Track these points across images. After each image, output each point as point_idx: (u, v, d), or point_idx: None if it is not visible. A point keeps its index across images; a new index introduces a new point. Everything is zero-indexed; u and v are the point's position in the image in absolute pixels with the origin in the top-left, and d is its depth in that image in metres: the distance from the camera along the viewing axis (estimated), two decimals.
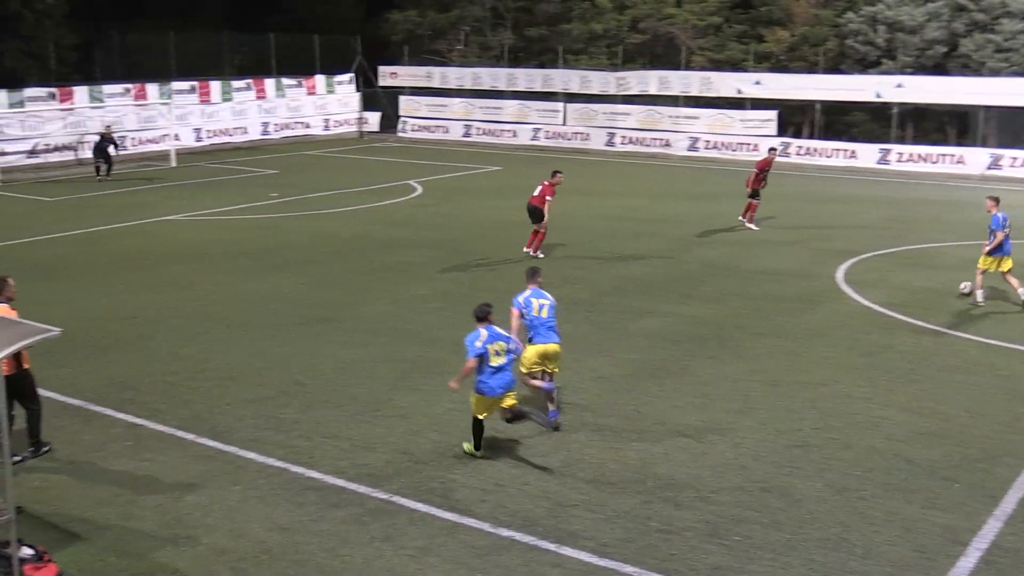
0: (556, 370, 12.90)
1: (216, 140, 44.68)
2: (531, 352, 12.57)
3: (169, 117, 41.46)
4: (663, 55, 48.54)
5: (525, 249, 22.62)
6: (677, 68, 45.03)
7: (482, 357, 11.44)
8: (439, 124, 49.25)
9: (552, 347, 12.64)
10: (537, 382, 12.63)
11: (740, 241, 24.63)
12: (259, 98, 46.72)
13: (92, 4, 51.45)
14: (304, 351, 15.70)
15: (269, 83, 47.25)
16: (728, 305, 18.63)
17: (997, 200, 18.66)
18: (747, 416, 13.11)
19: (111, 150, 35.56)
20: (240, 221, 27.14)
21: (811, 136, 42.28)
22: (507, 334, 11.77)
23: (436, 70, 50.73)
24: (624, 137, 44.29)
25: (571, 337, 16.27)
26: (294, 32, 50.98)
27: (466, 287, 19.80)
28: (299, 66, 49.04)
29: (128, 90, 41.67)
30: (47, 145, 38.18)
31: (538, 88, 47.54)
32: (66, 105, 39.59)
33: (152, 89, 42.25)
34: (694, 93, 43.71)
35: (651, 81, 44.44)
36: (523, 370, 12.55)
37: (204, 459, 11.72)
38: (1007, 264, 18.59)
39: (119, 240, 24.42)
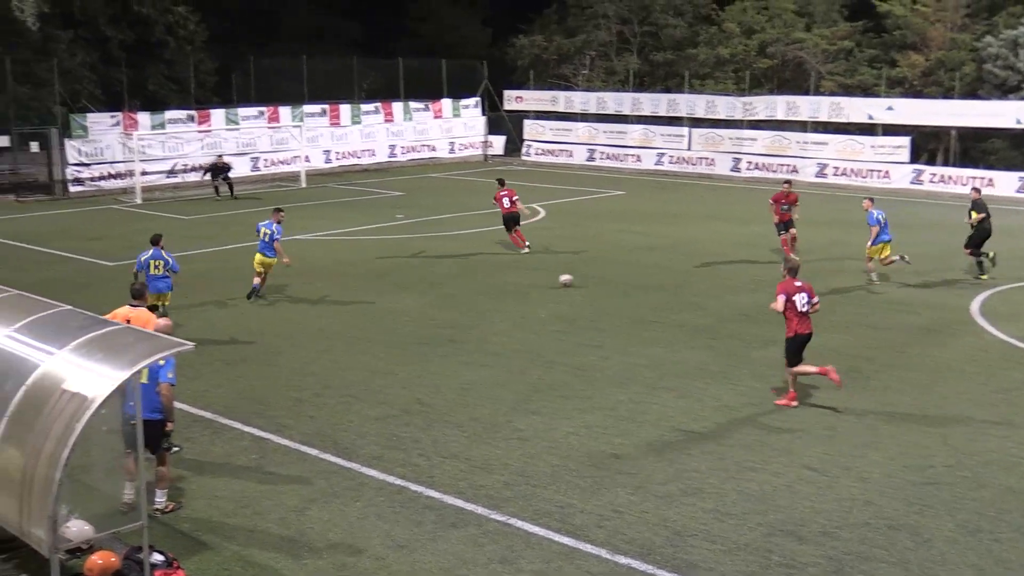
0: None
1: (345, 162, 45.67)
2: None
3: (300, 139, 42.59)
4: (791, 80, 47.81)
5: (524, 250, 25.66)
6: (806, 93, 44.27)
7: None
8: (563, 148, 49.38)
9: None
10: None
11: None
12: (387, 121, 47.61)
13: (230, 30, 53.39)
14: (426, 371, 15.87)
15: (397, 107, 48.13)
16: (856, 335, 18.15)
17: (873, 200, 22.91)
18: (875, 450, 12.73)
19: (206, 175, 37.01)
20: (366, 241, 27.65)
21: (946, 163, 41.00)
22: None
23: (561, 94, 50.93)
24: (750, 163, 43.69)
25: (692, 364, 16.10)
26: (422, 57, 51.87)
27: (587, 311, 19.75)
28: (426, 90, 49.83)
29: (262, 113, 42.95)
30: (185, 165, 39.54)
31: (663, 113, 47.28)
32: (204, 127, 41.02)
33: (285, 112, 43.49)
34: (823, 118, 42.86)
35: (778, 106, 43.78)
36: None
37: (327, 474, 11.93)
38: (887, 251, 22.32)
39: (249, 258, 25.08)
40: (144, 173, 37.94)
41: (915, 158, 40.65)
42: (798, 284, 14.37)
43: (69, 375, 9.12)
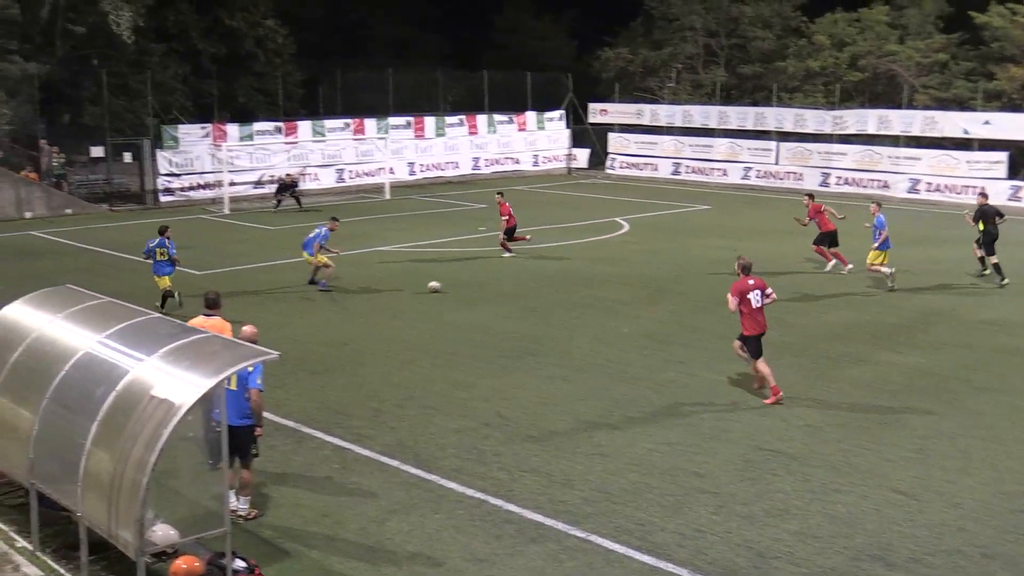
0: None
1: (428, 174, 46.06)
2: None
3: (385, 151, 43.11)
4: (883, 93, 46.97)
5: (506, 254, 26.91)
6: (898, 107, 43.46)
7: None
8: (648, 161, 49.16)
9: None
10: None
11: (965, 289, 23.43)
12: (471, 134, 47.92)
13: (318, 43, 54.32)
14: (507, 384, 15.90)
15: (481, 119, 48.44)
16: (949, 356, 17.72)
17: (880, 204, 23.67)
18: (968, 475, 12.40)
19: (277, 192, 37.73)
20: (449, 254, 27.83)
21: None
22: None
23: (647, 107, 50.74)
24: (840, 178, 43.00)
25: (778, 381, 15.84)
26: (507, 70, 52.11)
27: (671, 327, 19.61)
28: (511, 103, 50.06)
29: (347, 125, 43.57)
30: (272, 176, 40.26)
31: (750, 126, 46.83)
32: (290, 139, 41.75)
33: (370, 124, 44.04)
34: (916, 133, 41.99)
35: (870, 120, 43.03)
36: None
37: (407, 486, 12.00)
38: (883, 258, 23.02)
39: (335, 270, 25.44)
40: (232, 184, 38.72)
41: (1013, 174, 39.60)
42: (751, 282, 14.99)
43: (157, 381, 9.33)
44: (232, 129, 40.35)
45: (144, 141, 39.26)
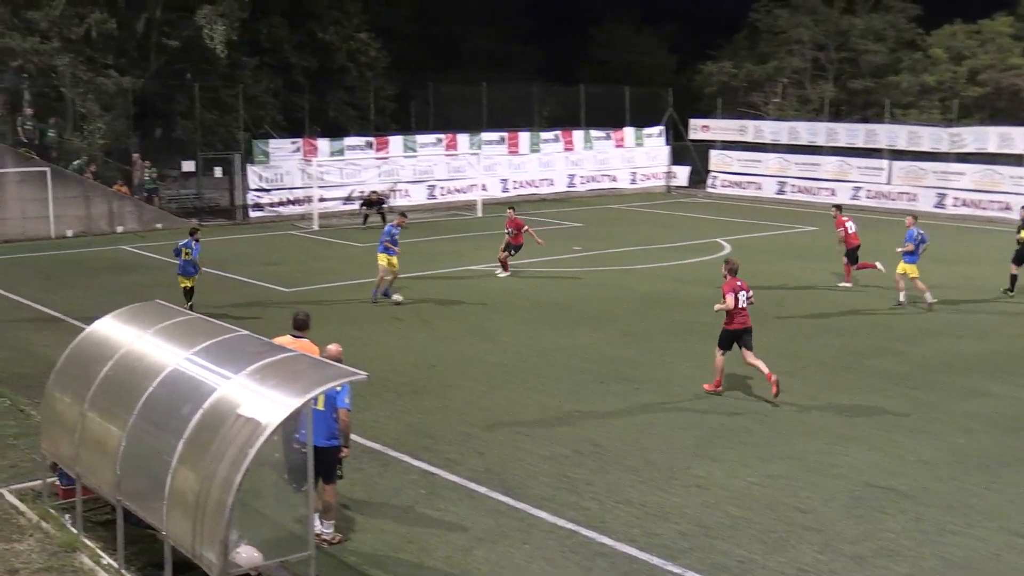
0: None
1: (522, 191, 46.22)
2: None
3: (477, 167, 43.40)
4: (1005, 109, 45.82)
5: (502, 274, 26.99)
6: (1022, 124, 42.30)
7: None
8: (751, 180, 48.67)
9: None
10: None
11: None
12: (567, 150, 48.00)
13: (411, 57, 55.02)
14: (600, 410, 15.82)
15: (577, 135, 48.48)
16: None
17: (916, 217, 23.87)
18: None
19: (362, 207, 38.26)
20: (543, 273, 27.86)
21: None
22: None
23: (750, 123, 50.25)
24: (957, 199, 41.97)
25: (888, 414, 15.53)
26: (604, 84, 52.13)
27: (773, 353, 19.30)
28: (608, 118, 50.02)
29: (440, 140, 43.99)
30: (361, 192, 40.81)
31: (860, 144, 46.01)
32: (381, 154, 42.30)
33: (463, 139, 44.42)
34: None
35: (990, 137, 41.95)
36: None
37: (495, 514, 12.00)
38: (914, 272, 23.22)
39: (423, 288, 25.67)
40: (322, 199, 39.34)
41: None
42: (739, 283, 16.75)
43: (244, 400, 9.48)
44: (323, 144, 41.03)
45: (235, 156, 40.15)
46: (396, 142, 43.07)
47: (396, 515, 11.99)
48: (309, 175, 39.51)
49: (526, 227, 27.47)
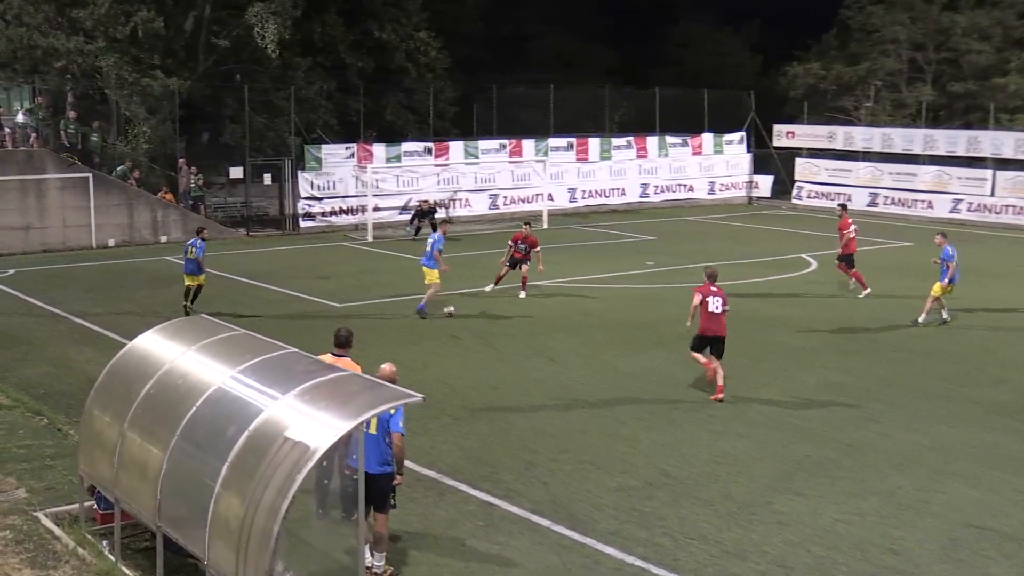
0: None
1: (591, 201, 46.21)
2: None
3: (544, 175, 43.46)
4: None
5: (521, 292, 26.71)
6: None
7: None
8: (840, 191, 48.13)
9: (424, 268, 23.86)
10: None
11: None
12: (640, 157, 47.91)
13: (474, 57, 55.25)
14: (674, 438, 15.74)
15: (651, 141, 48.37)
16: None
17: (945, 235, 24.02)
18: None
19: (412, 219, 38.59)
20: (613, 291, 27.80)
21: None
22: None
23: (840, 130, 49.77)
24: None
25: (990, 447, 15.26)
26: (681, 86, 51.97)
27: (865, 380, 19.09)
28: (685, 123, 49.85)
29: (503, 146, 44.11)
30: (418, 202, 41.02)
31: (961, 152, 45.36)
32: (440, 160, 42.52)
33: (528, 145, 44.50)
34: None
35: None
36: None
37: (559, 548, 11.97)
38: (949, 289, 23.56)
39: (484, 304, 25.74)
40: (377, 209, 39.63)
41: None
42: (714, 289, 18.09)
43: (292, 422, 9.56)
44: (378, 149, 41.37)
45: (285, 162, 40.59)
46: (457, 148, 43.28)
47: (452, 548, 12.01)
48: (363, 183, 39.89)
49: (538, 248, 26.89)
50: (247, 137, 40.64)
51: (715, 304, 17.97)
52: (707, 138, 49.96)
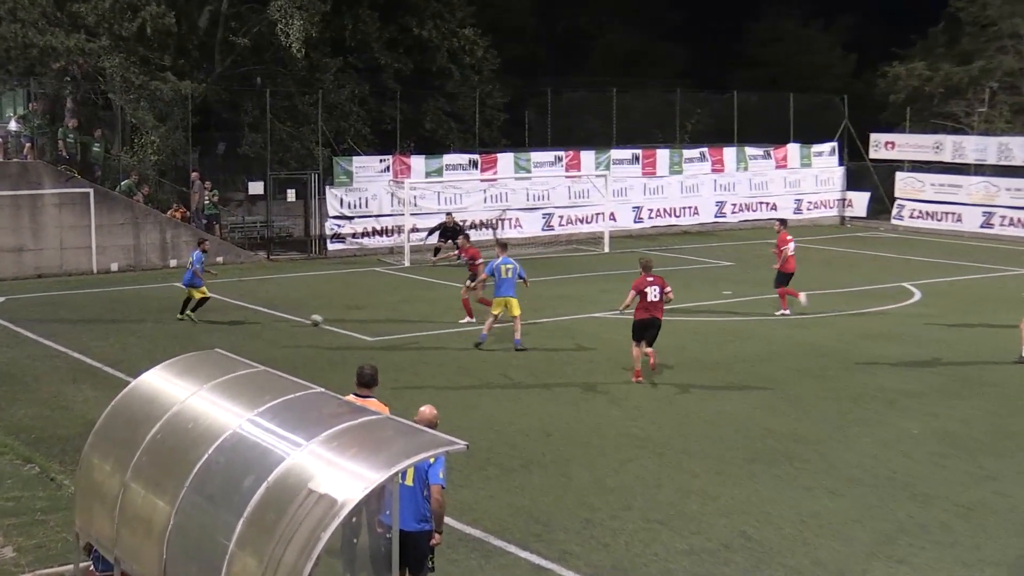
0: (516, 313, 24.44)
1: (659, 221, 46.19)
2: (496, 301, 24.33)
3: (605, 192, 43.41)
4: None
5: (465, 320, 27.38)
6: None
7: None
8: (949, 210, 47.79)
9: (510, 300, 24.38)
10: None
11: None
12: (715, 171, 47.85)
13: (527, 57, 55.45)
14: (755, 495, 15.59)
15: (729, 153, 48.29)
16: None
17: None
18: None
19: (430, 236, 38.81)
20: (684, 324, 27.66)
21: None
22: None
23: (948, 139, 49.40)
24: None
25: None
26: (763, 90, 51.86)
27: (978, 429, 18.84)
28: (768, 132, 49.73)
29: (559, 159, 44.17)
30: (464, 221, 41.12)
31: None
32: (488, 175, 42.60)
33: (587, 157, 44.55)
34: None
35: None
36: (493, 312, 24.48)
37: None
38: None
39: (539, 338, 25.68)
40: (415, 229, 39.72)
41: None
42: (650, 279, 21.53)
43: (317, 472, 9.53)
44: (417, 162, 41.57)
45: (311, 176, 40.84)
46: (506, 160, 43.42)
47: None
48: (400, 200, 40.00)
49: (480, 260, 27.72)
50: (268, 148, 41.01)
51: (654, 293, 21.42)
52: (793, 149, 49.79)
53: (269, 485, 9.70)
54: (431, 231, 39.18)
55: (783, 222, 30.81)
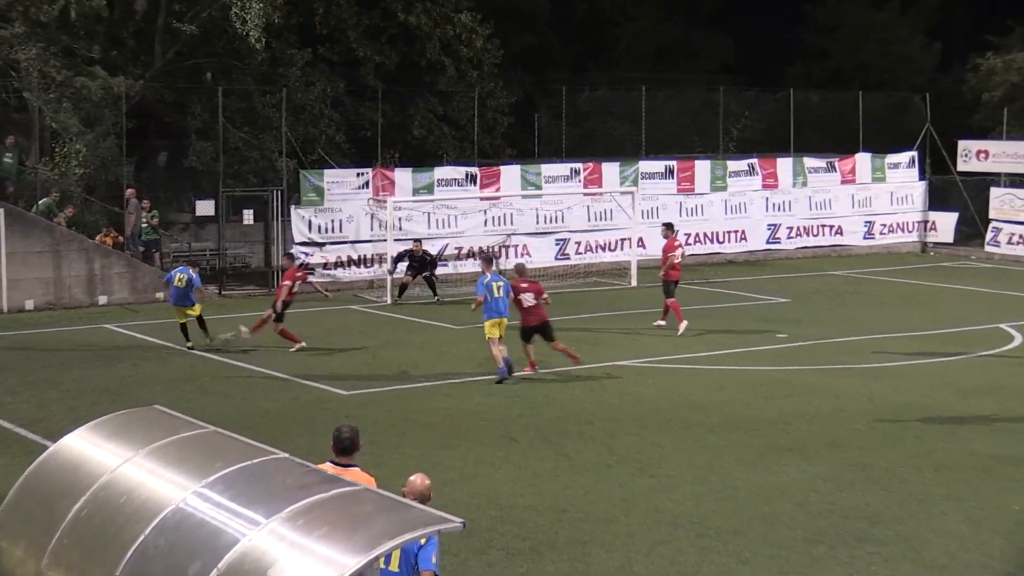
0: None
1: (698, 249, 46.07)
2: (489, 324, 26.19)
3: (632, 213, 43.32)
4: None
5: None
6: None
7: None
8: None
9: (504, 320, 26.42)
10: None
11: None
12: (766, 187, 47.82)
13: (537, 49, 55.46)
14: None
15: (783, 164, 48.25)
16: None
17: None
18: None
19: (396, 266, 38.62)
20: (729, 374, 27.62)
21: None
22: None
23: None
24: None
25: None
26: (826, 89, 51.90)
27: None
28: (831, 139, 49.80)
29: (576, 172, 44.12)
30: (458, 249, 41.10)
31: None
32: (489, 191, 42.52)
33: (610, 171, 44.48)
34: None
35: None
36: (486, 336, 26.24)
37: None
38: None
39: (550, 391, 25.64)
40: (400, 259, 39.57)
41: None
42: (524, 285, 26.25)
43: (280, 557, 9.47)
44: (402, 176, 41.55)
45: (273, 193, 40.72)
46: (511, 174, 43.40)
47: None
48: (382, 222, 39.96)
49: (311, 278, 30.33)
50: (221, 159, 40.91)
51: (528, 299, 25.98)
52: (863, 160, 49.78)
53: (221, 573, 9.66)
54: (396, 259, 38.82)
55: (669, 226, 34.94)
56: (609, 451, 21.45)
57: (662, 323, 32.82)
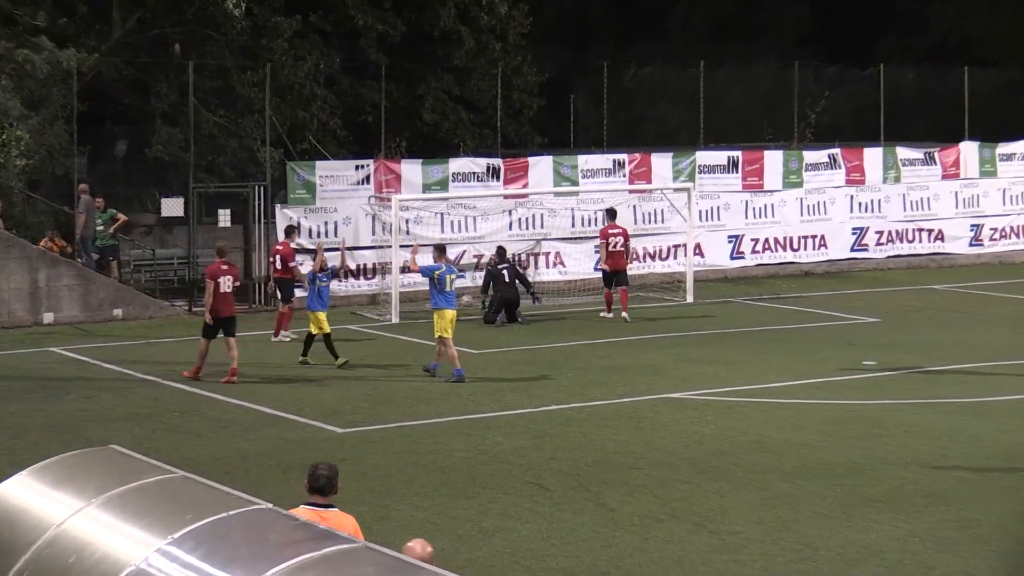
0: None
1: (766, 258, 46.05)
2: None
3: (689, 213, 43.20)
4: None
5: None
6: None
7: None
8: None
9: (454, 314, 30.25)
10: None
11: None
12: (850, 182, 47.68)
13: (573, 18, 55.42)
14: None
15: (871, 156, 48.11)
16: None
17: None
18: None
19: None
20: (806, 409, 27.57)
21: None
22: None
23: None
24: None
25: None
26: (924, 65, 51.82)
27: None
28: (930, 126, 49.66)
29: (619, 165, 44.03)
30: (477, 258, 41.06)
31: None
32: (514, 187, 42.43)
33: (661, 164, 44.39)
34: None
35: None
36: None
37: None
38: None
39: (586, 431, 25.60)
40: (407, 268, 39.59)
41: None
42: (224, 267, 30.09)
43: None
44: (411, 169, 41.58)
45: (255, 189, 40.70)
46: (542, 167, 43.38)
47: None
48: (385, 224, 39.95)
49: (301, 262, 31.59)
50: (192, 148, 40.93)
51: (226, 284, 29.90)
52: (969, 150, 49.66)
53: None
54: (483, 288, 39.06)
55: (611, 212, 38.89)
56: (660, 502, 21.40)
57: (609, 315, 36.37)
